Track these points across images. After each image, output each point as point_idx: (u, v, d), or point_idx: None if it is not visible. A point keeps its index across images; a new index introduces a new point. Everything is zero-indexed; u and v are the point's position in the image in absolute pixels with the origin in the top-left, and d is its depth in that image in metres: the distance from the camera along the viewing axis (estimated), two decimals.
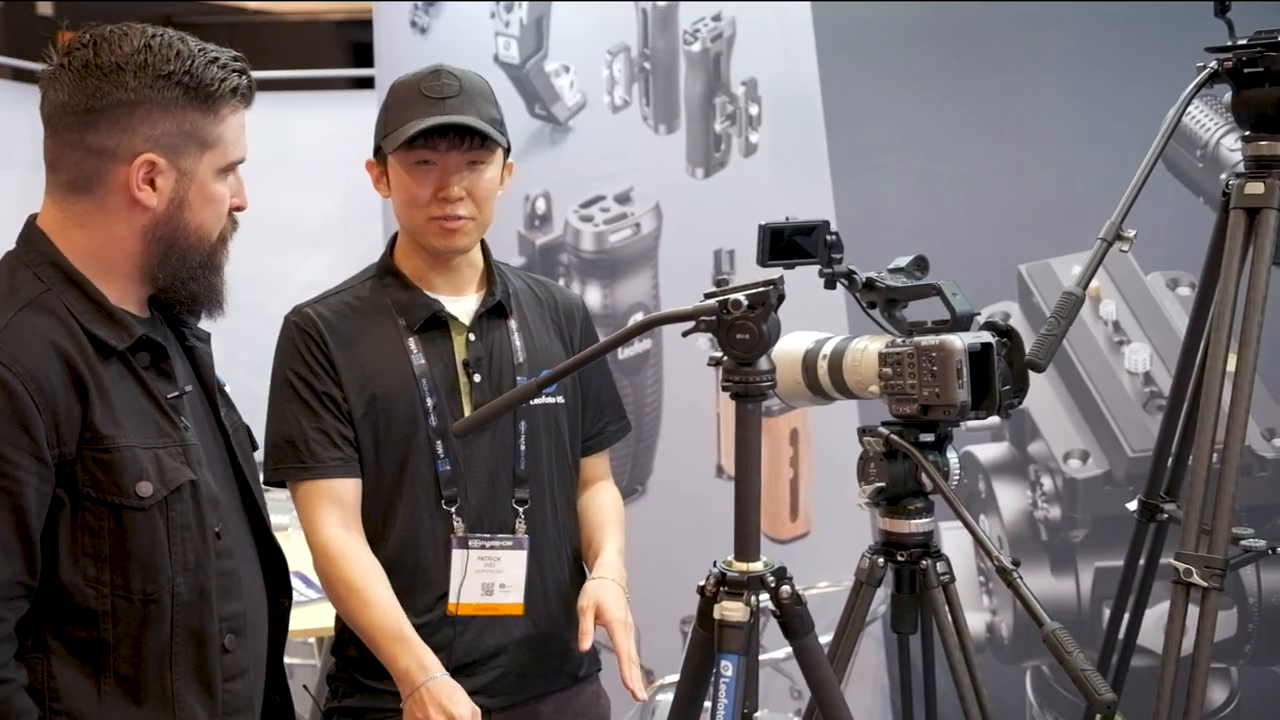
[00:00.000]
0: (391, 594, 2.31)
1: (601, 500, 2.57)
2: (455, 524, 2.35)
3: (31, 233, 1.86)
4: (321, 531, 2.33)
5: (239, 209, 1.93)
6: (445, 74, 2.35)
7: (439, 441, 2.35)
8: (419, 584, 2.36)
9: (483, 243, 2.46)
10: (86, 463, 1.75)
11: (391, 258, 2.45)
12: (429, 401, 2.35)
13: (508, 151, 2.42)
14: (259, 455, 2.20)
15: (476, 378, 2.38)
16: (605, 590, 2.38)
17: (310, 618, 3.25)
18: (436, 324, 2.39)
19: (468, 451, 2.37)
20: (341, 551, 2.31)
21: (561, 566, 2.46)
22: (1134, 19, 3.19)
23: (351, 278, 2.48)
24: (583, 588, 2.42)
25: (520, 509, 2.39)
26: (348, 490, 2.35)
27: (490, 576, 2.36)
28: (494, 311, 2.43)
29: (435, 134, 2.30)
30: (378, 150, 2.41)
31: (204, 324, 2.03)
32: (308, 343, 2.36)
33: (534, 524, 2.40)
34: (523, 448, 2.40)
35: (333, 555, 2.31)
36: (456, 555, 2.35)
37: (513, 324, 2.44)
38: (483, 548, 2.36)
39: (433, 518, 2.35)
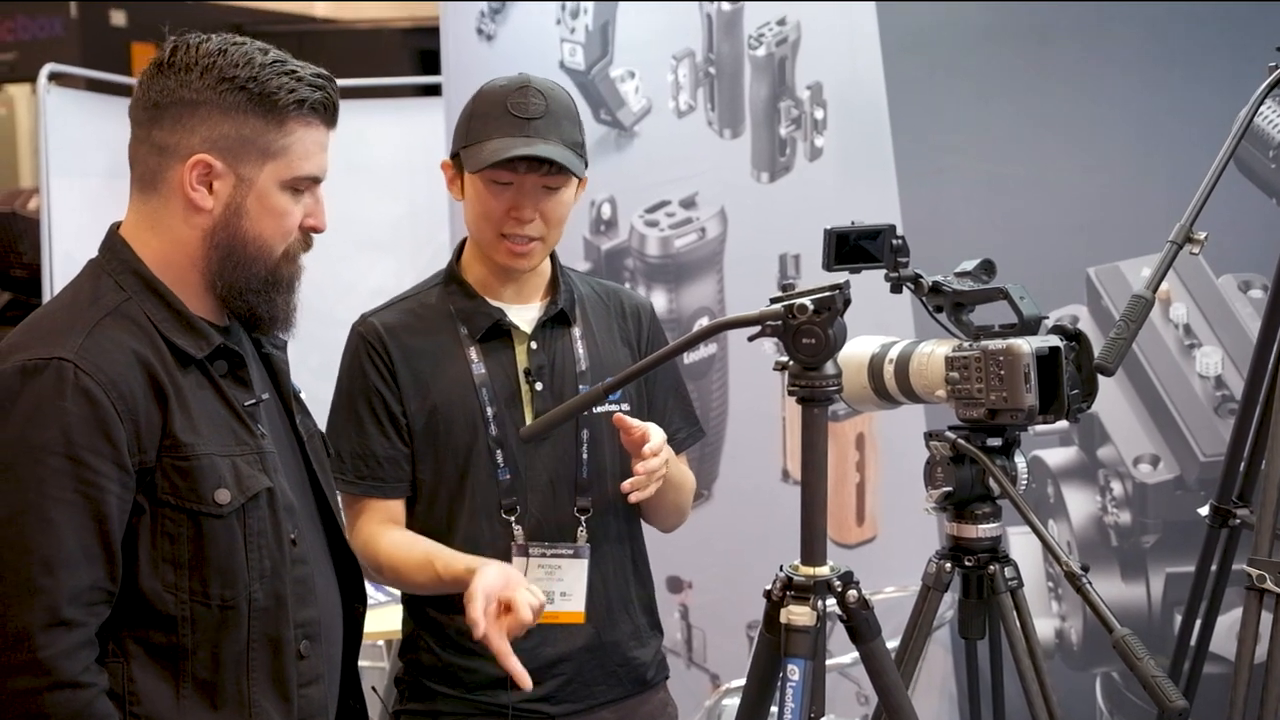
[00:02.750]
0: (418, 545, 2.35)
1: None
2: (515, 532, 2.36)
3: (114, 241, 1.89)
4: (362, 532, 2.40)
5: (314, 230, 1.93)
6: (533, 91, 2.33)
7: (498, 450, 2.36)
8: None
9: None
10: (166, 470, 1.78)
11: (458, 265, 2.46)
12: (489, 410, 2.37)
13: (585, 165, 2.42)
14: None
15: (538, 386, 2.38)
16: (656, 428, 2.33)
17: (380, 621, 3.28)
18: (499, 333, 2.40)
19: (528, 460, 2.38)
20: (373, 540, 2.37)
21: (624, 575, 2.46)
22: (1203, 18, 3.16)
23: (419, 284, 2.50)
24: None
25: (582, 517, 2.39)
26: (394, 508, 2.40)
27: (550, 585, 2.36)
28: (557, 320, 2.43)
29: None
30: (456, 154, 2.40)
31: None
32: (371, 356, 2.38)
33: (596, 532, 2.41)
34: (585, 455, 2.40)
35: (368, 545, 2.37)
36: (516, 563, 2.36)
37: (576, 332, 2.44)
38: (543, 556, 2.37)
39: (493, 526, 2.37)
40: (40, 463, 1.71)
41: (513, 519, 2.36)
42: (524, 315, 2.43)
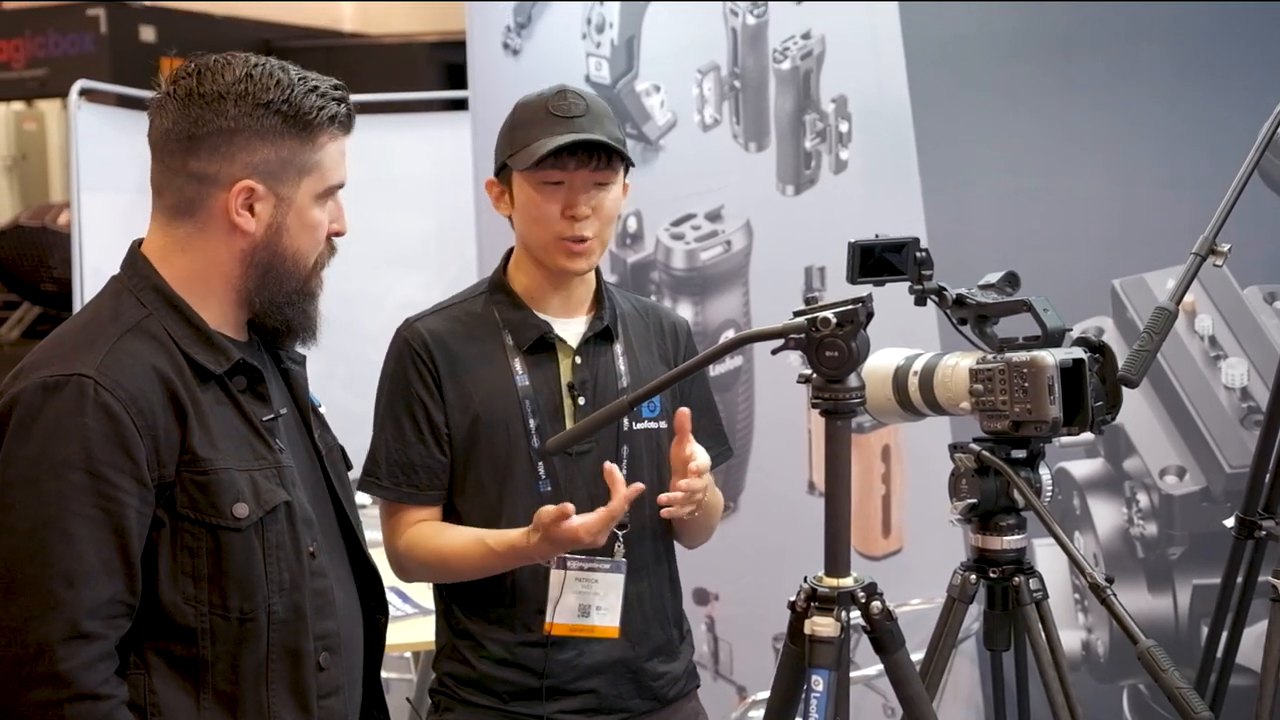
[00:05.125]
0: (463, 530, 2.37)
1: None
2: None
3: (135, 258, 1.91)
4: (400, 538, 2.42)
5: (338, 234, 1.96)
6: (571, 93, 2.37)
7: (540, 463, 2.37)
8: (518, 602, 2.39)
9: None
10: (185, 484, 1.80)
11: (504, 274, 2.47)
12: (532, 422, 2.38)
13: (626, 172, 2.44)
14: (353, 472, 2.24)
15: (581, 401, 2.40)
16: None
17: (406, 633, 3.29)
18: (544, 345, 2.41)
19: (569, 474, 2.39)
20: (416, 536, 2.39)
21: (660, 590, 2.48)
22: (1228, 30, 3.16)
23: (465, 290, 2.51)
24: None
25: (620, 533, 2.39)
26: (429, 515, 2.42)
27: (587, 598, 2.37)
28: (601, 335, 2.44)
29: (565, 153, 2.31)
30: (501, 169, 2.41)
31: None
32: (416, 362, 2.39)
33: (633, 548, 2.41)
34: (624, 472, 2.39)
35: (411, 543, 2.40)
36: (554, 575, 2.37)
37: (618, 348, 2.46)
38: (580, 569, 2.37)
39: None
40: (61, 478, 1.73)
41: None
42: (570, 329, 2.44)
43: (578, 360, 2.42)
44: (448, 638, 2.47)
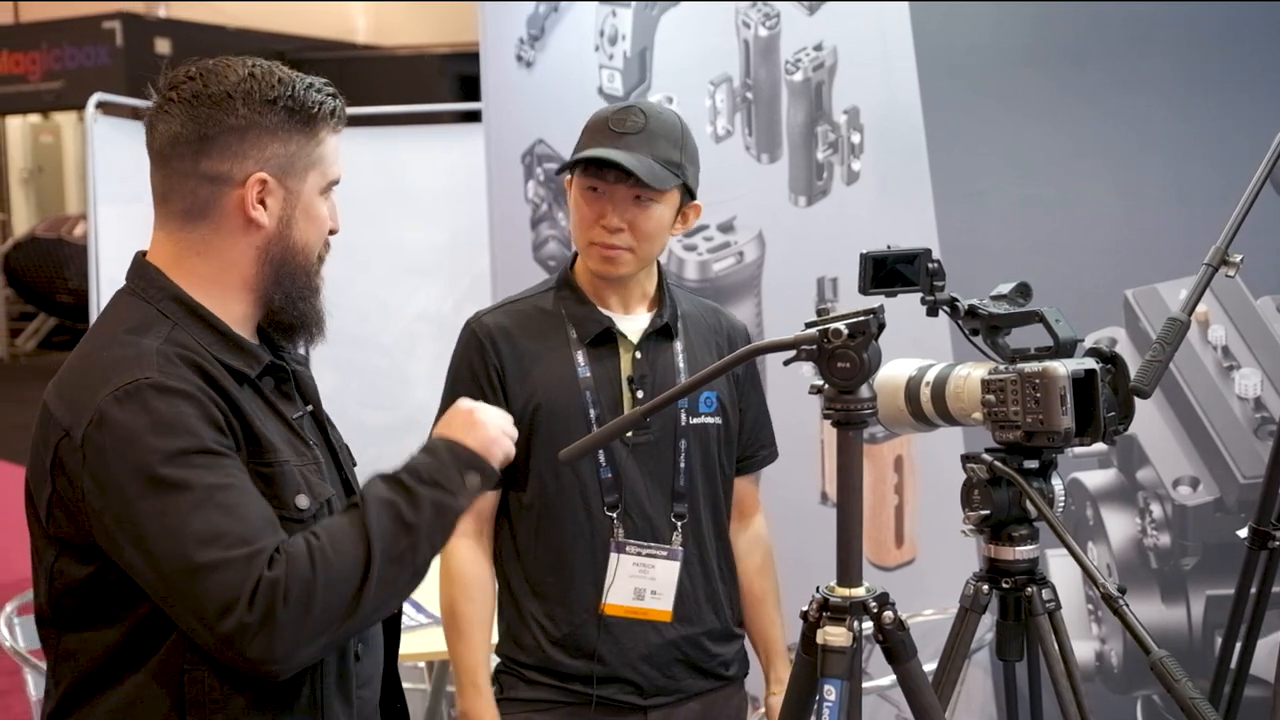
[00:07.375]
0: (486, 635, 2.50)
1: (760, 559, 2.71)
2: (616, 529, 2.47)
3: (145, 269, 1.91)
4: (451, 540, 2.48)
5: (333, 232, 2.00)
6: (635, 110, 2.45)
7: (601, 452, 2.46)
8: (575, 584, 2.49)
9: (658, 264, 2.57)
10: (252, 475, 1.80)
11: (572, 271, 2.56)
12: (592, 413, 2.47)
13: (692, 193, 2.51)
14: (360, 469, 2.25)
15: (640, 394, 2.48)
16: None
17: (422, 642, 3.30)
18: (607, 339, 2.51)
19: (628, 464, 2.49)
20: (460, 571, 2.51)
21: (712, 576, 2.57)
22: (1239, 40, 3.16)
23: (534, 286, 2.63)
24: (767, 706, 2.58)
25: (679, 522, 2.51)
26: (485, 500, 2.50)
27: (643, 583, 2.48)
28: (661, 332, 2.53)
29: (604, 166, 2.40)
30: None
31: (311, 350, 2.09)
32: (483, 354, 2.50)
33: (689, 537, 2.52)
34: (682, 465, 2.51)
35: (453, 573, 2.51)
36: (612, 559, 2.47)
37: (678, 346, 2.55)
38: (639, 554, 2.48)
39: (592, 522, 2.48)
40: (184, 466, 1.70)
41: (615, 515, 2.47)
42: (631, 325, 2.53)
43: (638, 355, 2.50)
44: (509, 623, 2.55)
